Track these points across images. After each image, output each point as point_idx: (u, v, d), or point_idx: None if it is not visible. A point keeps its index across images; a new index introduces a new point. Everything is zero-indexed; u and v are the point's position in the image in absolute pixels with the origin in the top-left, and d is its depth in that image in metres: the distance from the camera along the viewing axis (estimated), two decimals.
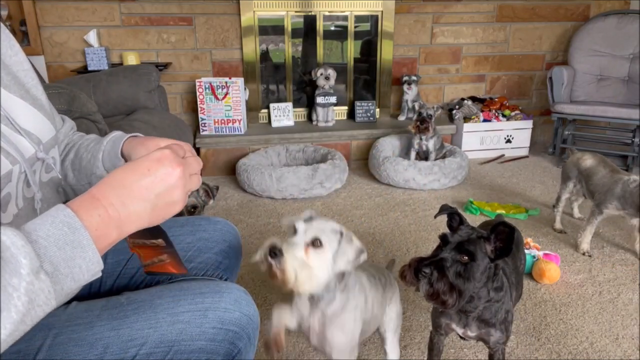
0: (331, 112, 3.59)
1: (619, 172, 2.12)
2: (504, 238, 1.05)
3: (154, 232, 0.78)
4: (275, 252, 0.93)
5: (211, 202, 1.89)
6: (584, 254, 2.19)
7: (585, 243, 2.20)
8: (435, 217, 1.17)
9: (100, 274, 0.61)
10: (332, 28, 3.72)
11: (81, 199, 0.61)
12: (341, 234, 1.02)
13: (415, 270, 1.03)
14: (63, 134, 0.95)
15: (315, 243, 0.98)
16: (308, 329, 1.09)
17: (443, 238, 1.07)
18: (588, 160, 2.25)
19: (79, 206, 0.59)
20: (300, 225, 1.00)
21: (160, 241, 0.79)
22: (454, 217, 1.12)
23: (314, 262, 0.97)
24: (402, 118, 3.76)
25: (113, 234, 0.62)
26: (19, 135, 0.75)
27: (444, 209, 1.15)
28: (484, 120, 3.60)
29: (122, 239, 0.64)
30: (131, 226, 0.64)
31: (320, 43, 3.66)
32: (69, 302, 0.81)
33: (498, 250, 1.06)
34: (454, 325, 1.21)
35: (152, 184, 0.65)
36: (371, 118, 3.69)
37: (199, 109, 3.32)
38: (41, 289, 0.53)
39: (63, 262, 0.55)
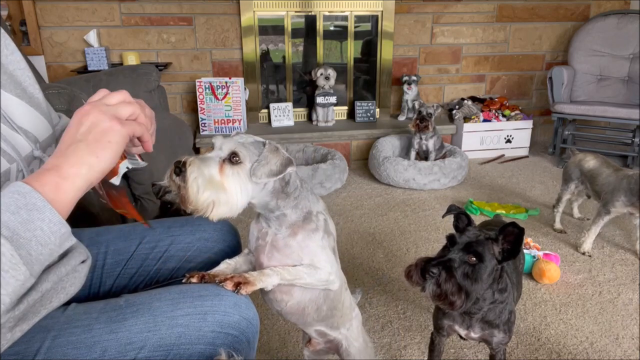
0: (331, 112, 3.59)
1: (622, 170, 2.12)
2: (512, 240, 1.04)
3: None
4: (180, 169, 0.77)
5: None
6: (584, 253, 2.19)
7: (588, 243, 2.19)
8: (443, 217, 1.17)
9: (69, 235, 0.61)
10: (332, 28, 3.71)
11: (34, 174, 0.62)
12: (263, 144, 0.86)
13: (422, 270, 1.01)
14: (59, 131, 0.94)
15: (233, 158, 0.82)
16: (260, 262, 0.94)
17: (450, 239, 1.06)
18: (591, 161, 2.25)
19: (30, 178, 0.61)
20: (217, 140, 0.85)
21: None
22: (460, 218, 1.11)
23: (229, 182, 0.82)
24: (402, 118, 3.75)
25: (65, 186, 0.61)
26: (15, 134, 0.74)
27: (451, 209, 1.14)
28: (484, 120, 3.59)
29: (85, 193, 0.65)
30: (74, 170, 0.63)
31: (320, 43, 3.66)
32: (67, 304, 0.81)
33: (505, 252, 1.05)
34: (456, 327, 1.21)
35: (72, 129, 0.66)
36: (371, 118, 3.69)
37: (199, 109, 3.31)
38: (2, 253, 0.53)
39: (21, 226, 0.56)
